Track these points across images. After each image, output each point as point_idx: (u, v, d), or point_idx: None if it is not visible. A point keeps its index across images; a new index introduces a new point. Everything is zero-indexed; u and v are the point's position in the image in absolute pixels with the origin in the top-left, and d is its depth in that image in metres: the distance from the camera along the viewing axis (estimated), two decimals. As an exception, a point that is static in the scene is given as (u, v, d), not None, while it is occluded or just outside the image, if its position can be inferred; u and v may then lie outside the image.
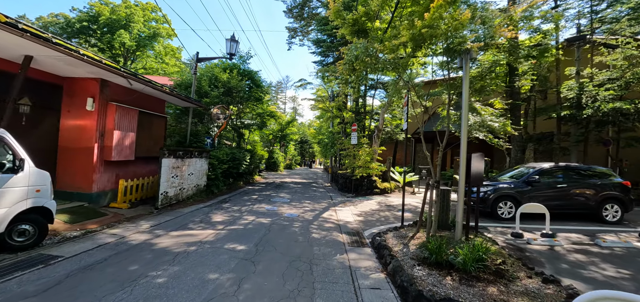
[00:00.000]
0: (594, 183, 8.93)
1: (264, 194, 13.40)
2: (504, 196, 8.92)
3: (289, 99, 76.97)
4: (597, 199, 8.75)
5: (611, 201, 8.71)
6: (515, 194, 8.88)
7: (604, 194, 8.70)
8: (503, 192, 8.96)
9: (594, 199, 8.79)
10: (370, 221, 8.61)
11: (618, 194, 8.72)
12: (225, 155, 12.85)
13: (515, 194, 8.88)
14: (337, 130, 22.18)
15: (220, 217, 8.28)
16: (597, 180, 9.00)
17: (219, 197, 11.76)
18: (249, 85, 16.43)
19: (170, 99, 10.94)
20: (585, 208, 8.88)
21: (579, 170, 9.31)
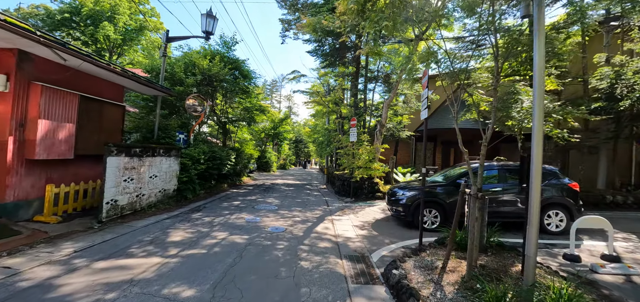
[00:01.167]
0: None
1: (249, 199, 11.35)
2: (427, 202, 7.01)
3: (284, 98, 74.88)
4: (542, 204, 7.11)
5: (555, 207, 7.11)
6: (439, 200, 7.16)
7: (546, 200, 7.03)
8: (426, 196, 6.96)
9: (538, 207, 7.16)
10: (377, 238, 6.61)
11: (563, 200, 7.11)
12: (202, 154, 10.78)
13: (439, 200, 7.16)
14: (334, 128, 20.18)
15: (181, 234, 6.22)
16: (543, 182, 7.25)
17: (192, 203, 9.69)
18: (235, 75, 14.35)
19: (129, 85, 8.85)
20: (523, 216, 7.14)
21: (517, 170, 7.58)
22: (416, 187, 7.71)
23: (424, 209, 6.59)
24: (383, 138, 13.10)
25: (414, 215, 7.15)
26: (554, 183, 7.22)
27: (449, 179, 7.60)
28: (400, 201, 7.61)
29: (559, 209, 7.08)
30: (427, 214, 7.15)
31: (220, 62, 12.80)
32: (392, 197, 8.03)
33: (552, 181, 7.24)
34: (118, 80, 8.29)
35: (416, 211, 7.02)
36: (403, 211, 7.48)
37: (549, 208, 7.10)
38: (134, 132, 10.07)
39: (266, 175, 25.25)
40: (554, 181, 7.26)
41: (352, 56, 18.04)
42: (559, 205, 7.09)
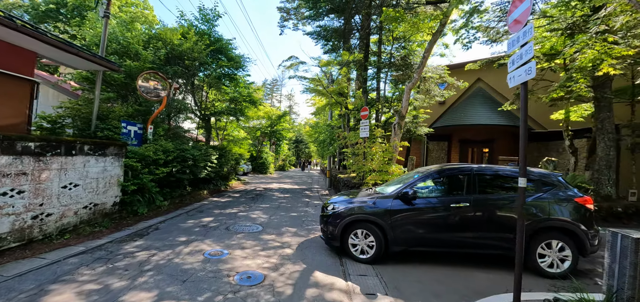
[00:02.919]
0: (527, 204, 4.54)
1: (228, 212, 8.42)
2: (361, 221, 4.94)
3: (285, 98, 72.11)
4: (527, 230, 4.44)
5: (553, 234, 4.53)
6: (378, 218, 4.83)
7: (539, 223, 4.51)
8: (356, 213, 4.97)
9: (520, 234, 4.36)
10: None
11: (567, 222, 4.49)
12: (163, 153, 7.86)
13: (378, 218, 4.83)
14: (337, 124, 17.24)
15: (66, 298, 3.31)
16: (532, 196, 4.66)
17: (143, 222, 6.78)
18: (215, 56, 11.45)
19: (42, 51, 5.93)
20: (507, 248, 4.56)
21: (498, 177, 4.94)
22: (359, 200, 5.21)
23: (354, 231, 4.92)
24: (402, 134, 10.15)
25: (343, 239, 5.00)
26: (553, 197, 4.57)
27: (404, 188, 4.95)
28: (327, 219, 5.21)
29: (559, 237, 4.47)
30: (359, 238, 4.92)
31: (196, 37, 9.89)
32: (323, 212, 5.50)
33: (549, 194, 4.60)
34: (20, 40, 5.38)
35: (347, 233, 4.97)
36: (329, 233, 5.13)
37: (544, 236, 4.51)
38: (66, 121, 7.15)
39: (261, 178, 22.30)
40: (554, 193, 4.60)
41: (357, 41, 15.14)
42: (561, 230, 4.49)
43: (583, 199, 4.56)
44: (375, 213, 4.83)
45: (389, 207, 4.80)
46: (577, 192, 4.64)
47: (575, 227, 4.39)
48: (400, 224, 4.72)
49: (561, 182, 4.70)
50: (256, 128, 24.52)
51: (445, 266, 4.81)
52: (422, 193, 4.86)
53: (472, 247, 4.63)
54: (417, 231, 4.70)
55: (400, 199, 4.79)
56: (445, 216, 4.61)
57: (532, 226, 4.42)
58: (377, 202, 4.92)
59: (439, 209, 4.66)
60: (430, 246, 4.74)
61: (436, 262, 4.92)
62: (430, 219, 4.67)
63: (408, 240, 4.74)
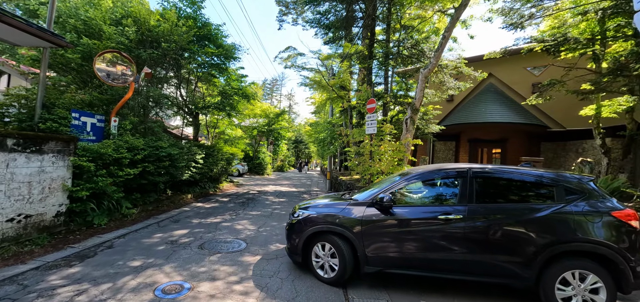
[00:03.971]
0: (541, 218, 3.31)
1: (209, 222, 7.00)
2: (326, 232, 3.99)
3: (285, 97, 70.80)
4: (541, 257, 3.24)
5: (579, 261, 3.20)
6: (345, 230, 3.83)
7: (558, 245, 3.23)
8: (321, 223, 4.02)
9: (534, 256, 3.27)
10: None
11: (600, 245, 3.16)
12: (129, 151, 6.45)
13: (345, 230, 3.83)
14: (339, 122, 15.80)
15: None
16: (550, 207, 3.35)
17: (94, 237, 5.37)
18: (202, 43, 10.03)
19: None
20: (512, 276, 3.36)
21: (504, 180, 3.67)
22: (332, 206, 4.20)
23: (319, 243, 4.03)
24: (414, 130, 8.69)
25: (306, 253, 4.16)
26: (580, 209, 3.25)
27: (380, 193, 3.88)
28: (291, 228, 4.33)
29: (589, 264, 3.15)
30: (324, 252, 3.99)
31: (176, 18, 8.46)
32: (289, 220, 4.54)
33: (575, 205, 3.28)
34: None
35: (311, 246, 4.12)
36: (291, 245, 4.26)
37: (566, 262, 3.20)
38: (10, 110, 5.73)
39: (257, 179, 20.84)
40: (583, 204, 3.28)
41: (360, 30, 13.72)
42: (591, 256, 3.20)
43: (624, 213, 3.17)
44: (343, 223, 3.84)
45: (361, 217, 3.78)
46: (616, 203, 3.26)
47: (613, 252, 3.07)
48: (373, 239, 3.69)
49: (593, 190, 3.33)
50: (252, 127, 23.07)
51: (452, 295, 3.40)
52: (403, 200, 3.86)
53: (466, 272, 3.44)
54: (395, 248, 3.63)
55: (375, 206, 3.74)
56: (432, 230, 3.50)
57: (550, 250, 3.17)
58: (346, 210, 3.91)
59: (424, 221, 3.56)
60: (412, 268, 3.62)
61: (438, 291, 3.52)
62: (412, 233, 3.59)
63: (383, 259, 3.69)
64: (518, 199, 3.53)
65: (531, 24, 10.59)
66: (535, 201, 3.44)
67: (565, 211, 3.21)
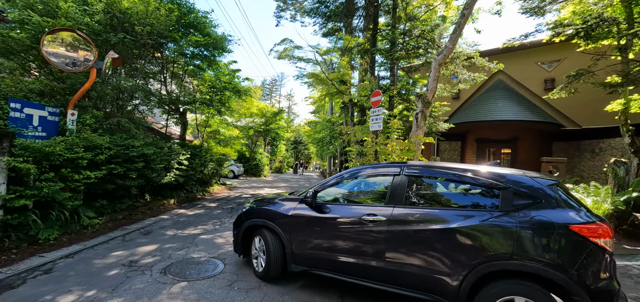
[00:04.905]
0: (473, 228, 2.59)
1: (186, 234, 5.88)
2: (260, 226, 3.93)
3: (284, 98, 69.74)
4: (472, 275, 2.52)
5: (520, 286, 2.37)
6: (276, 225, 3.71)
7: (490, 263, 2.46)
8: (256, 216, 4.01)
9: (462, 274, 2.56)
10: None
11: (549, 267, 2.29)
12: (88, 150, 5.35)
13: (276, 225, 3.71)
14: (339, 121, 14.69)
15: None
16: (486, 216, 2.60)
17: (34, 257, 4.28)
18: (185, 30, 8.93)
19: None
20: (439, 294, 2.72)
21: (449, 181, 3.13)
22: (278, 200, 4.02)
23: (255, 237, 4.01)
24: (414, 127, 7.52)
25: (246, 247, 4.23)
26: (526, 220, 2.46)
27: (312, 189, 3.71)
28: (236, 220, 4.40)
29: (533, 292, 2.33)
30: (257, 246, 3.98)
31: (156, 1, 7.36)
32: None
33: (522, 214, 2.50)
34: None
35: (248, 239, 4.15)
36: (235, 238, 4.36)
37: (503, 286, 2.45)
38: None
39: (253, 182, 19.71)
40: (529, 214, 2.48)
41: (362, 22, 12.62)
42: (535, 280, 2.40)
43: (587, 227, 2.33)
44: (275, 217, 3.80)
45: (291, 212, 3.67)
46: (581, 214, 2.42)
47: (565, 276, 2.27)
48: (300, 237, 3.58)
49: (552, 197, 2.51)
50: (248, 127, 21.95)
51: None
52: (332, 198, 3.68)
53: (390, 283, 3.02)
54: (320, 248, 3.43)
55: (305, 202, 3.60)
56: (357, 232, 3.19)
57: (479, 269, 2.52)
58: (280, 205, 3.86)
59: (350, 221, 3.27)
60: (336, 272, 3.35)
61: None
62: (337, 234, 3.33)
63: (308, 259, 3.53)
64: (452, 203, 3.01)
65: (551, 10, 9.52)
66: (473, 207, 2.81)
67: (505, 220, 2.51)
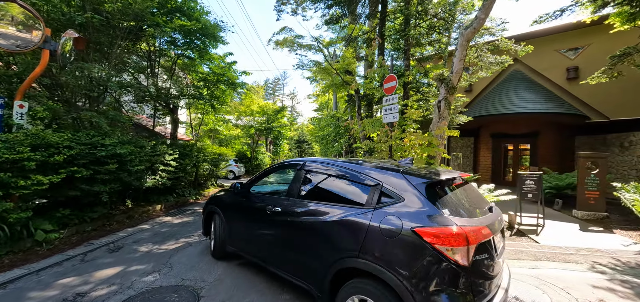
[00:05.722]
0: (334, 224, 2.66)
1: (161, 251, 4.81)
2: (213, 212, 4.59)
3: (287, 97, 68.66)
4: (330, 271, 2.58)
5: (366, 286, 2.32)
6: (222, 210, 4.37)
7: (342, 260, 2.48)
8: (212, 203, 4.66)
9: (324, 268, 2.65)
10: None
11: (387, 270, 2.18)
12: (37, 150, 4.29)
13: (222, 210, 4.37)
14: (344, 116, 13.53)
15: None
16: (346, 213, 2.62)
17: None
18: (170, 15, 7.86)
19: None
20: (309, 281, 2.90)
21: (328, 176, 3.16)
22: None
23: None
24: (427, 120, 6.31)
25: (206, 228, 4.80)
26: (379, 219, 2.35)
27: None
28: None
29: (375, 292, 2.24)
30: (212, 228, 4.57)
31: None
32: None
33: (377, 213, 2.40)
34: None
35: (209, 222, 4.74)
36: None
37: (354, 284, 2.41)
38: None
39: (255, 182, 18.63)
40: (383, 212, 2.37)
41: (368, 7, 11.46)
42: (376, 281, 2.27)
43: (432, 231, 2.07)
44: (221, 204, 4.40)
45: (230, 200, 4.24)
46: (438, 218, 2.13)
47: (399, 281, 2.08)
48: (232, 222, 4.14)
49: (415, 195, 2.30)
50: (249, 125, 20.90)
51: None
52: (258, 191, 4.00)
53: (286, 271, 3.18)
54: (242, 234, 3.92)
55: (234, 191, 4.14)
56: (264, 222, 3.46)
57: (336, 264, 2.51)
58: (230, 193, 4.29)
59: (259, 212, 3.56)
60: (253, 256, 3.72)
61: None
62: (251, 223, 3.76)
63: (236, 242, 4.03)
64: (332, 197, 2.97)
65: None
66: (346, 202, 2.77)
67: (361, 217, 2.46)
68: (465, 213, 2.35)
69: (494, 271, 2.28)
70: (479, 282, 2.11)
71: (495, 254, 2.32)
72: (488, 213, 2.56)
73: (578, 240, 6.00)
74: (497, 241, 2.46)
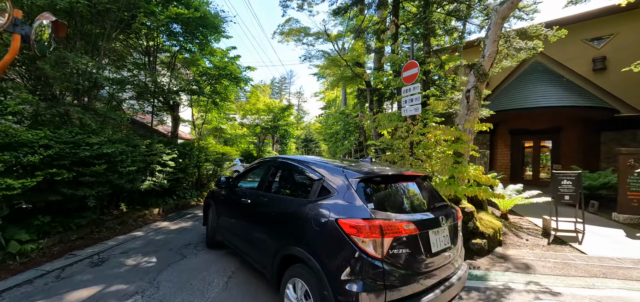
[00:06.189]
0: (284, 214, 2.97)
1: (149, 266, 4.16)
2: (209, 205, 5.02)
3: (294, 96, 68.11)
4: (276, 255, 2.86)
5: (299, 270, 2.55)
6: (214, 201, 4.81)
7: (285, 247, 2.75)
8: (209, 197, 5.15)
9: (272, 253, 2.94)
10: None
11: (308, 256, 2.44)
12: (4, 148, 3.68)
13: (214, 201, 4.81)
14: (353, 112, 12.77)
15: None
16: (292, 205, 2.94)
17: None
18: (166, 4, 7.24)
19: None
20: (267, 267, 3.05)
21: (292, 171, 3.44)
22: None
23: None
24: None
25: (205, 218, 5.15)
26: (314, 211, 2.59)
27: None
28: None
29: (305, 276, 2.48)
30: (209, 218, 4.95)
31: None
32: None
33: (311, 206, 2.66)
34: None
35: (206, 213, 5.11)
36: None
37: (292, 269, 2.67)
38: None
39: (261, 181, 18.02)
40: (317, 205, 2.61)
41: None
42: (306, 267, 2.49)
43: (350, 222, 2.22)
44: (214, 197, 4.77)
45: (220, 193, 4.58)
46: (363, 211, 2.27)
47: (320, 267, 2.29)
48: (219, 213, 4.48)
49: (347, 189, 2.46)
50: (255, 124, 20.30)
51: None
52: (243, 184, 4.27)
53: (251, 258, 3.51)
54: (225, 224, 4.25)
55: (220, 185, 4.51)
56: (240, 213, 3.81)
57: (281, 251, 2.77)
58: (222, 187, 4.52)
59: (237, 204, 3.89)
60: (233, 245, 4.01)
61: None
62: (231, 214, 4.11)
63: (223, 232, 4.33)
64: (289, 190, 3.30)
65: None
66: (297, 194, 3.09)
67: (302, 209, 2.66)
68: (394, 208, 2.51)
69: (421, 268, 2.29)
70: (396, 275, 2.15)
71: (422, 250, 2.32)
72: (428, 212, 2.57)
73: (630, 250, 5.16)
74: (437, 239, 2.45)
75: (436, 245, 2.42)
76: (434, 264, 2.39)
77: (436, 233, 2.45)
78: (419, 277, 2.27)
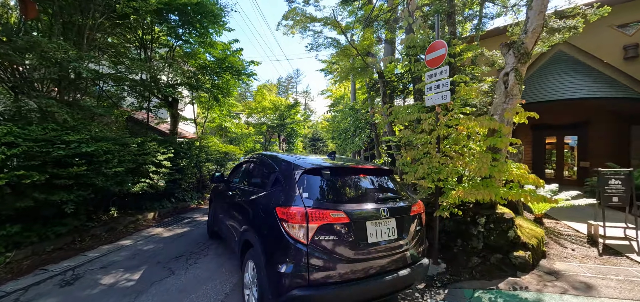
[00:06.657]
0: (245, 202, 3.40)
1: (130, 285, 3.49)
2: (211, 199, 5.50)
3: (301, 95, 67.50)
4: (240, 240, 3.22)
5: (252, 252, 2.87)
6: (213, 194, 5.31)
7: (242, 232, 3.18)
8: (211, 193, 5.55)
9: (238, 240, 3.34)
10: None
11: (254, 235, 2.84)
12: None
13: (213, 194, 5.31)
14: (364, 108, 11.96)
15: None
16: (253, 193, 3.30)
17: None
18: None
19: None
20: (236, 250, 3.53)
21: (263, 166, 3.59)
22: None
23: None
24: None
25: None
26: (263, 198, 2.97)
27: None
28: None
29: (255, 257, 2.78)
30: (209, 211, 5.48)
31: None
32: None
33: (265, 193, 2.99)
34: None
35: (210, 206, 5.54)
36: None
37: (246, 251, 3.03)
38: None
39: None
40: (263, 194, 3.04)
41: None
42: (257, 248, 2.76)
43: (282, 210, 2.45)
44: (215, 191, 5.00)
45: (218, 188, 4.78)
46: (294, 200, 2.48)
47: (260, 250, 2.60)
48: (216, 206, 4.73)
49: (291, 180, 2.64)
50: (261, 123, 19.66)
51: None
52: (231, 176, 4.56)
53: (229, 243, 4.13)
54: (218, 214, 4.52)
55: (214, 180, 4.53)
56: (227, 204, 4.02)
57: (242, 236, 3.10)
58: (217, 181, 4.55)
59: (227, 196, 4.10)
60: (224, 234, 4.24)
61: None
62: (221, 205, 4.39)
63: (216, 222, 4.62)
64: (257, 182, 3.51)
65: None
66: (261, 186, 3.26)
67: (256, 197, 3.06)
68: (335, 199, 2.62)
69: (352, 256, 2.38)
70: (322, 259, 2.28)
71: (353, 239, 2.38)
72: (371, 203, 2.64)
73: None
74: (377, 230, 2.51)
75: (375, 236, 2.48)
76: (371, 254, 2.45)
77: (376, 224, 2.52)
78: (349, 265, 2.34)
